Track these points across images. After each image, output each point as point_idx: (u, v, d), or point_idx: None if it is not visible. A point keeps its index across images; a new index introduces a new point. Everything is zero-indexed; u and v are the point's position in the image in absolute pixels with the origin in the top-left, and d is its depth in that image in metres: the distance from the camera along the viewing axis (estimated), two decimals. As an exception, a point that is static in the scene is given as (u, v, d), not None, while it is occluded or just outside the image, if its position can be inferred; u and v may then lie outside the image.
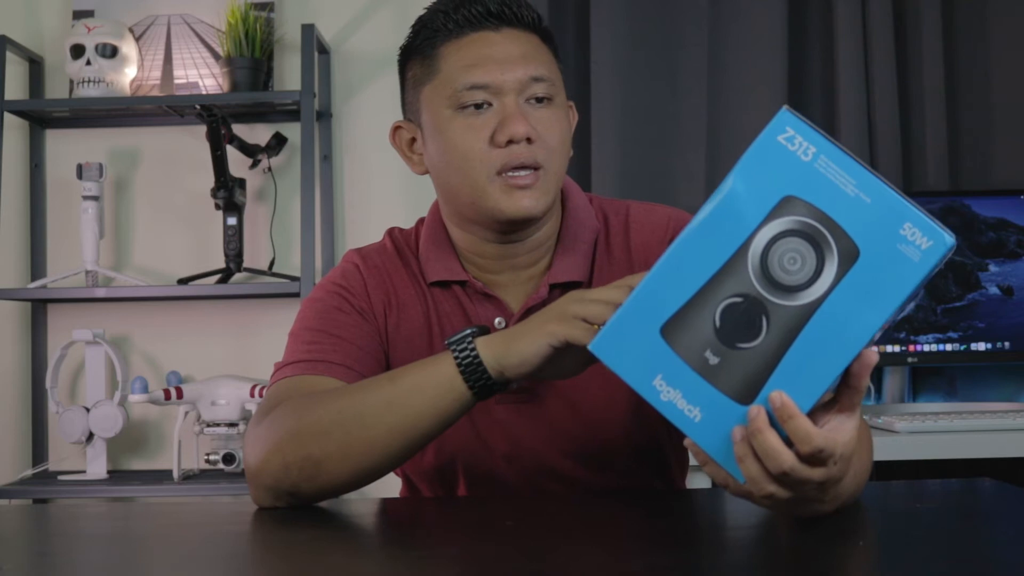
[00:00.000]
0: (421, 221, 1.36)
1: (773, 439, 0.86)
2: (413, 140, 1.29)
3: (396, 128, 1.31)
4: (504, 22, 1.23)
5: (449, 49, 1.23)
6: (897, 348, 2.38)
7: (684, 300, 0.87)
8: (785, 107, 0.87)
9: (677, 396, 0.88)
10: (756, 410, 0.86)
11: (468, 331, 1.09)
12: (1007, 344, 2.39)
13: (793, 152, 0.86)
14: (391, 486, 1.38)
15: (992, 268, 2.40)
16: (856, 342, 0.85)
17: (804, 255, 0.86)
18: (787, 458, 0.87)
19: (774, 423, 0.86)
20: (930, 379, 2.53)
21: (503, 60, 1.21)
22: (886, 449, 2.04)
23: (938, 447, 2.04)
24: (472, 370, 1.06)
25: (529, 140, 1.20)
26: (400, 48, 1.30)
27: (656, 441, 1.29)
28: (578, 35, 2.56)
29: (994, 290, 2.40)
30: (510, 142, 1.19)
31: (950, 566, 0.86)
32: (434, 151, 1.25)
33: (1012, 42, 2.53)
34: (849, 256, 0.85)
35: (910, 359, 2.38)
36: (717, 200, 0.88)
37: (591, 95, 2.49)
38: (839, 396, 0.90)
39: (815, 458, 0.87)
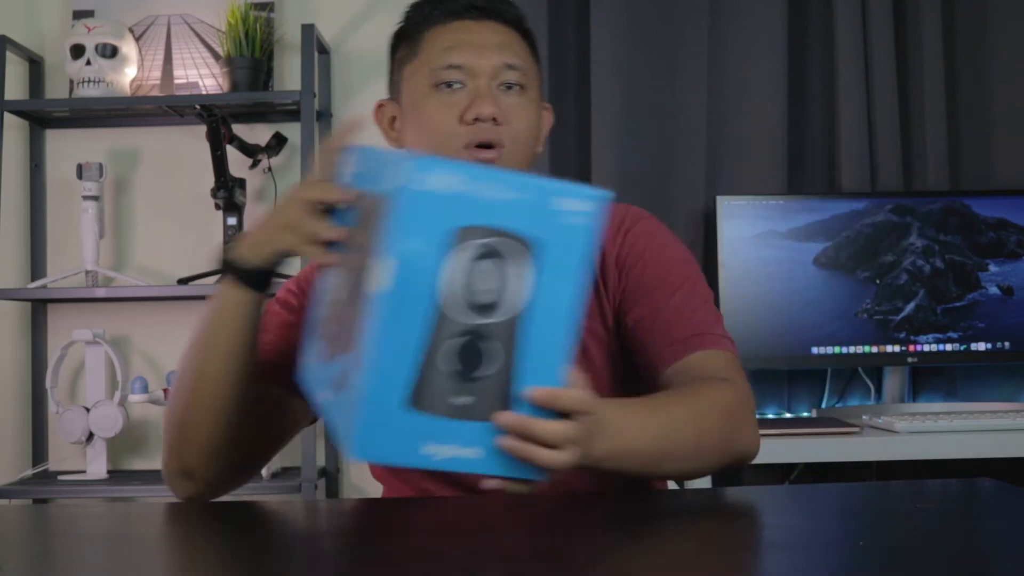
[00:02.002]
0: None
1: (514, 418, 0.91)
2: (393, 119, 1.37)
3: (379, 106, 1.39)
4: (486, 15, 1.33)
5: (433, 33, 1.33)
6: (897, 348, 2.38)
7: (412, 368, 0.87)
8: (411, 156, 0.88)
9: (452, 450, 0.89)
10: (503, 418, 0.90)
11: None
12: (1007, 344, 2.39)
13: (434, 191, 0.86)
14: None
15: (992, 268, 2.40)
16: (569, 317, 0.90)
17: (492, 271, 0.88)
18: (538, 424, 0.92)
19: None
20: (930, 379, 2.53)
21: (480, 46, 1.30)
22: (886, 449, 2.04)
23: (938, 447, 2.04)
24: (227, 266, 1.14)
25: (495, 121, 1.27)
26: (392, 34, 1.39)
27: None
28: (578, 35, 2.55)
29: (994, 290, 2.40)
30: (477, 120, 1.27)
31: (950, 566, 0.86)
32: (410, 126, 1.33)
33: (1012, 43, 2.53)
34: (528, 251, 0.88)
35: (910, 359, 2.38)
36: (389, 268, 0.86)
37: (591, 95, 2.49)
38: None
39: (564, 410, 0.93)
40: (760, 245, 2.37)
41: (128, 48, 2.59)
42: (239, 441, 1.22)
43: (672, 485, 1.47)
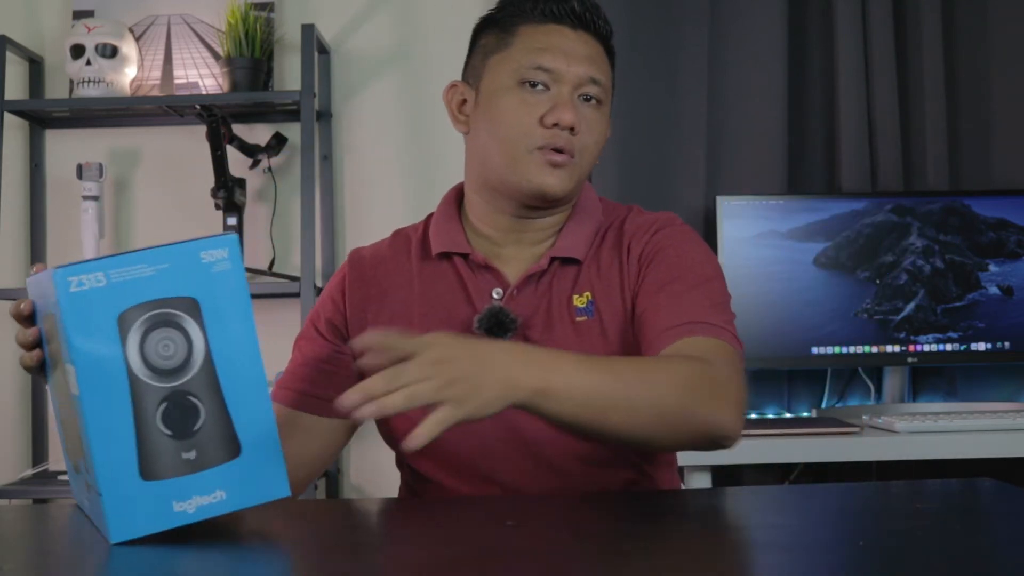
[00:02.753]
0: (430, 215, 1.45)
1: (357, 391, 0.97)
2: (464, 101, 1.38)
3: (452, 86, 1.40)
4: (583, 25, 1.34)
5: (527, 30, 1.33)
6: (897, 348, 2.38)
7: (133, 447, 0.95)
8: (51, 270, 0.95)
9: (198, 500, 0.97)
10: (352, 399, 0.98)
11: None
12: (1007, 344, 2.39)
13: (88, 289, 0.95)
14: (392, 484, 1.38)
15: (992, 268, 2.40)
16: (253, 350, 0.99)
17: (168, 337, 0.97)
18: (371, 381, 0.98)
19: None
20: (930, 379, 2.53)
21: (571, 54, 1.32)
22: (886, 449, 2.04)
23: (938, 447, 2.04)
24: None
25: (572, 130, 1.29)
26: (480, 19, 1.40)
27: None
28: (578, 35, 2.55)
29: (994, 290, 2.40)
30: (556, 125, 1.29)
31: (950, 566, 0.86)
32: (484, 115, 1.34)
33: (1012, 42, 2.53)
34: (195, 308, 0.97)
35: (910, 359, 2.38)
36: (75, 369, 0.95)
37: (591, 95, 2.49)
38: None
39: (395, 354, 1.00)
40: (760, 245, 2.37)
41: (128, 48, 2.59)
42: (292, 468, 1.26)
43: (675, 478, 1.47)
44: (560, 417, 1.07)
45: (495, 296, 1.33)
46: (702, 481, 2.06)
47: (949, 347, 2.38)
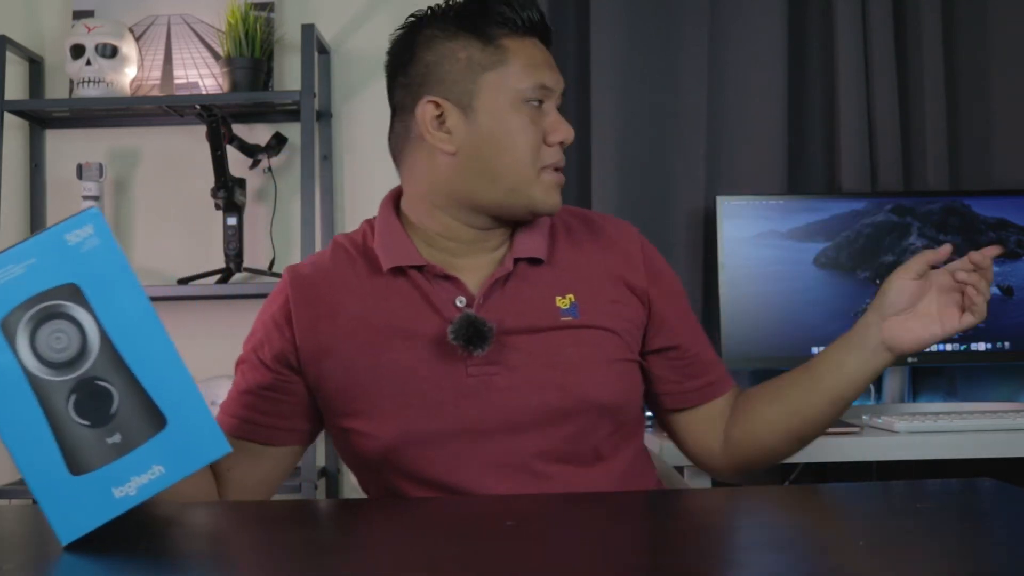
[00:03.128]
0: (366, 223, 1.43)
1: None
2: (440, 117, 1.31)
3: (431, 102, 1.31)
4: (546, 36, 1.37)
5: (515, 44, 1.32)
6: (897, 348, 2.37)
7: (53, 445, 0.94)
8: None
9: (139, 480, 0.95)
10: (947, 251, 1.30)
11: None
12: (1007, 344, 2.39)
13: None
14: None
15: (992, 268, 2.40)
16: (149, 318, 0.97)
17: (58, 329, 0.94)
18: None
19: None
20: (930, 379, 2.53)
21: (552, 68, 1.35)
22: (886, 449, 2.04)
23: (938, 447, 2.03)
24: None
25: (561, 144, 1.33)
26: (421, 24, 1.34)
27: (628, 401, 1.37)
28: (578, 35, 2.55)
29: (994, 290, 2.40)
30: (560, 143, 1.32)
31: (950, 566, 0.86)
32: (486, 135, 1.30)
33: (1012, 42, 2.53)
34: (76, 293, 0.94)
35: (910, 359, 2.38)
36: None
37: (591, 95, 2.49)
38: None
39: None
40: (760, 245, 2.37)
41: (128, 48, 2.59)
42: (239, 493, 1.33)
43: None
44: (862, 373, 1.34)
45: (459, 305, 1.31)
46: (702, 481, 2.05)
47: (949, 347, 2.38)
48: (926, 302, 1.31)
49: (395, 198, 1.42)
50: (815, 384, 1.37)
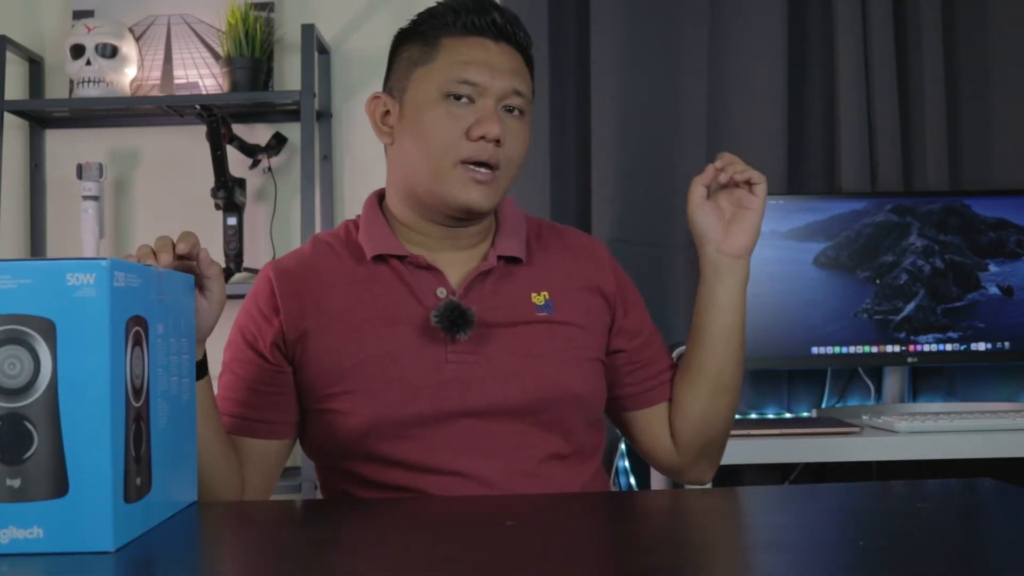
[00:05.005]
0: (347, 222, 1.48)
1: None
2: (386, 113, 1.41)
3: (375, 97, 1.43)
4: (504, 37, 1.37)
5: (451, 42, 1.35)
6: (897, 348, 2.38)
7: None
8: None
9: (15, 532, 0.91)
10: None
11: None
12: (1007, 344, 2.39)
13: None
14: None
15: (992, 268, 2.40)
16: (102, 386, 0.91)
17: (17, 355, 0.91)
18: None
19: None
20: (930, 379, 2.53)
21: (495, 67, 1.34)
22: (886, 449, 2.04)
23: (938, 447, 2.04)
24: None
25: (497, 142, 1.32)
26: (399, 30, 1.42)
27: (596, 397, 1.42)
28: (578, 35, 2.55)
29: (994, 290, 2.40)
30: (481, 138, 1.31)
31: (950, 566, 0.86)
32: (410, 128, 1.36)
33: (1012, 42, 2.53)
34: (49, 330, 0.91)
35: (910, 359, 2.38)
36: None
37: (591, 95, 2.49)
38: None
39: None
40: (760, 245, 2.35)
41: (128, 48, 2.59)
42: (237, 491, 1.35)
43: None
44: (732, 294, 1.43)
45: (440, 295, 1.36)
46: (702, 481, 2.05)
47: (949, 347, 2.38)
48: (724, 207, 1.44)
49: (380, 195, 1.48)
50: (703, 333, 1.44)
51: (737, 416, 2.46)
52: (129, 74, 2.61)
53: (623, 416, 1.50)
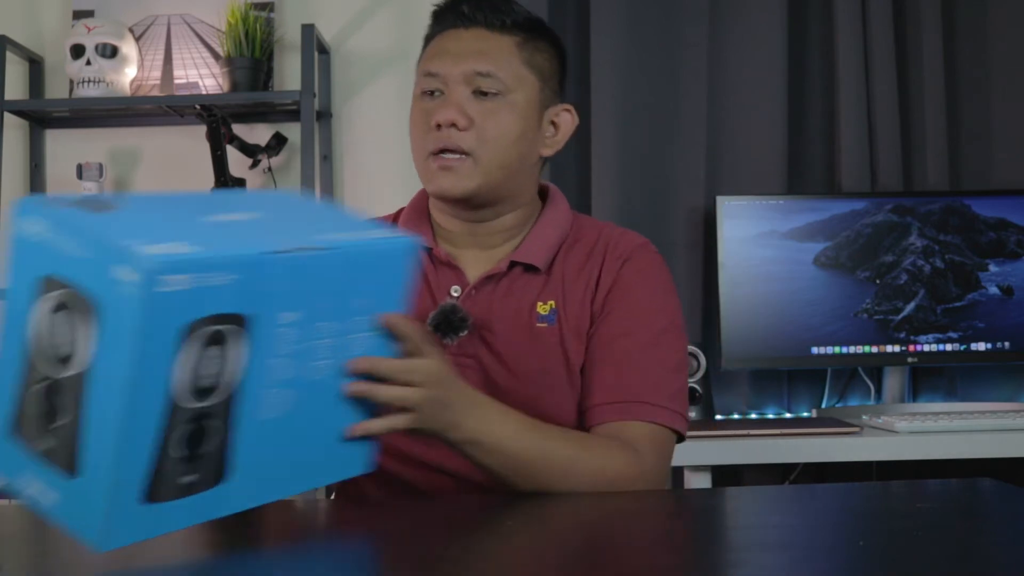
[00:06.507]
0: (400, 210, 1.49)
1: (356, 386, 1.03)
2: None
3: None
4: (474, 23, 1.35)
5: (432, 42, 1.38)
6: (897, 348, 2.38)
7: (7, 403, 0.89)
8: (19, 201, 0.87)
9: (37, 486, 0.91)
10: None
11: None
12: (1007, 344, 2.39)
13: (27, 236, 0.87)
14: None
15: (992, 268, 2.40)
16: (122, 384, 0.85)
17: (64, 323, 0.86)
18: (377, 388, 1.04)
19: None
20: (930, 379, 2.53)
21: (456, 54, 1.33)
22: (886, 449, 2.04)
23: (938, 447, 2.04)
24: None
25: (457, 127, 1.30)
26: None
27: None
28: (578, 35, 2.55)
29: (994, 290, 2.40)
30: (440, 126, 1.31)
31: (950, 566, 0.86)
32: None
33: (1012, 42, 2.53)
34: (93, 309, 0.85)
35: (910, 359, 2.38)
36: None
37: (591, 95, 2.49)
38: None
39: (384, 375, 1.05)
40: (760, 245, 2.37)
41: (128, 48, 2.59)
42: None
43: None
44: (477, 465, 1.16)
45: (453, 294, 1.36)
46: (702, 481, 2.06)
47: (949, 347, 2.38)
48: None
49: None
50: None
51: (737, 416, 2.47)
52: (129, 74, 2.61)
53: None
